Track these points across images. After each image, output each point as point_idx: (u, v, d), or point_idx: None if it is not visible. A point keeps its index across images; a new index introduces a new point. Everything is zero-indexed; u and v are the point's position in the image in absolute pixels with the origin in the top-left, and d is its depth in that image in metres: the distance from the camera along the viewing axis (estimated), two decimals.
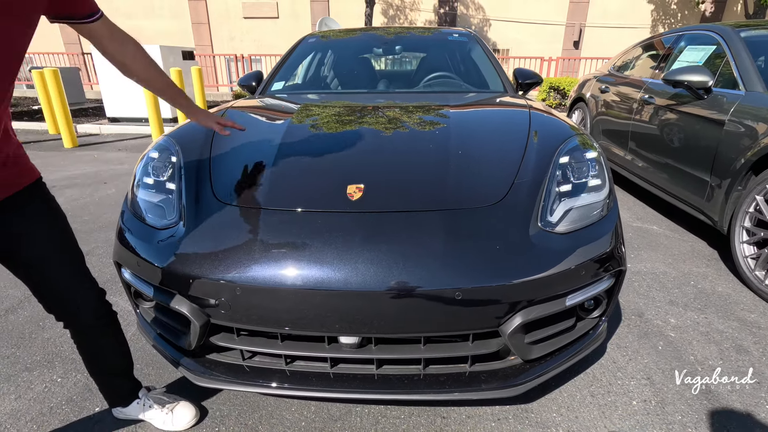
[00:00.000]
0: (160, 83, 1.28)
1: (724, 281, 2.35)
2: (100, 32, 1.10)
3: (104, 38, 1.12)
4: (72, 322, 1.18)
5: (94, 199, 3.73)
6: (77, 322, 1.18)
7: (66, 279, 1.11)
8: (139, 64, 1.20)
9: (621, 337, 1.86)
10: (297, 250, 1.20)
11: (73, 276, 1.13)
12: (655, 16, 12.45)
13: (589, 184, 1.45)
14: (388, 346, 1.29)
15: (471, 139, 1.63)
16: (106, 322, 1.23)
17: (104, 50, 1.15)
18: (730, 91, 2.59)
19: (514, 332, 1.22)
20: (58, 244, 1.09)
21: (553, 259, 1.23)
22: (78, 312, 1.16)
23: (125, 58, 1.17)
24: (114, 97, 7.28)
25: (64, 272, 1.11)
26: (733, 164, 2.37)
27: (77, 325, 1.19)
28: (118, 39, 1.15)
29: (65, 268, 1.11)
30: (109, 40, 1.13)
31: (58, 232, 1.10)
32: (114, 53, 1.16)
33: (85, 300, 1.16)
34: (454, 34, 3.09)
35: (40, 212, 1.06)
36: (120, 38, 1.15)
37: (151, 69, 1.23)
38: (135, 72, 1.21)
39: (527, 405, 1.48)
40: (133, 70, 1.21)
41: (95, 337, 1.23)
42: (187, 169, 1.48)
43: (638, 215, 3.35)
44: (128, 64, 1.19)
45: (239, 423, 1.42)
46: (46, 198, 1.09)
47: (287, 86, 2.74)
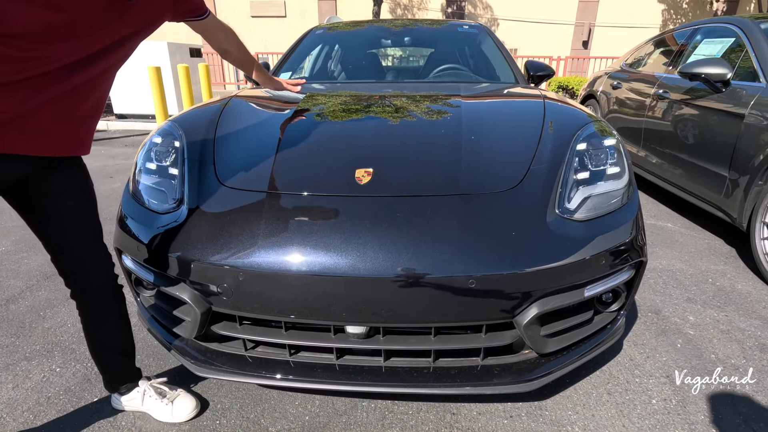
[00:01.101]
0: (248, 63, 1.66)
1: (744, 279, 2.26)
2: (211, 25, 1.38)
3: (215, 30, 1.42)
4: (81, 287, 1.20)
5: (100, 192, 3.71)
6: (86, 288, 1.20)
7: (85, 243, 1.16)
8: (236, 48, 1.54)
9: (638, 335, 1.78)
10: (302, 234, 1.15)
11: (91, 242, 1.17)
12: (665, 15, 12.31)
13: (607, 172, 1.39)
14: (397, 337, 1.23)
15: (484, 125, 1.57)
16: (112, 293, 1.25)
17: (213, 39, 1.45)
18: (749, 83, 2.51)
19: (530, 323, 1.16)
20: (85, 210, 1.15)
21: (571, 247, 1.17)
22: (88, 276, 1.18)
23: (228, 45, 1.51)
24: (122, 94, 7.30)
25: (85, 236, 1.16)
26: (753, 159, 2.29)
27: (86, 291, 1.20)
28: (224, 29, 1.46)
29: (86, 233, 1.16)
30: (219, 31, 1.44)
31: (87, 201, 1.16)
32: (221, 42, 1.48)
33: (97, 266, 1.19)
34: (464, 26, 3.03)
35: (78, 177, 1.14)
36: (224, 29, 1.46)
37: (242, 51, 1.59)
38: (233, 54, 1.56)
39: (541, 402, 1.42)
40: (233, 54, 1.56)
41: (101, 306, 1.23)
42: (190, 153, 1.44)
43: (652, 212, 3.27)
44: (229, 49, 1.53)
45: (241, 416, 1.37)
46: (84, 171, 1.17)
47: (294, 77, 2.69)
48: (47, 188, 1.07)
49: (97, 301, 1.22)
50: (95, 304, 1.23)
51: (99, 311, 1.24)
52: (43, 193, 1.07)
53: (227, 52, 1.54)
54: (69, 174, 1.11)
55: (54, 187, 1.08)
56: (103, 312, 1.24)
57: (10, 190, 1.06)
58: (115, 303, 1.27)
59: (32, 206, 1.09)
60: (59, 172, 1.08)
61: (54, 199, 1.09)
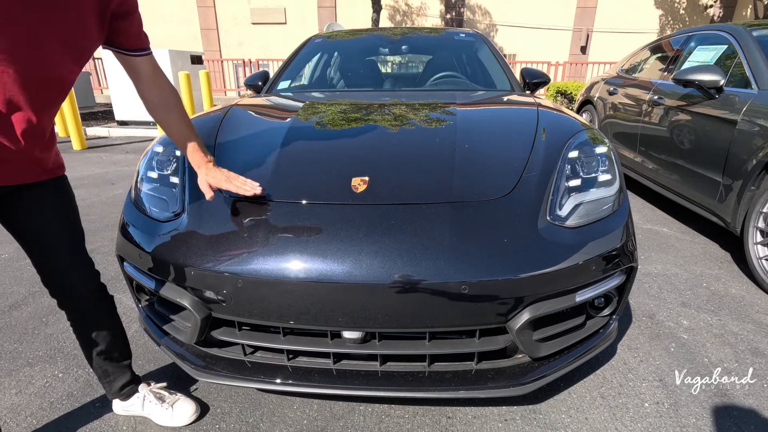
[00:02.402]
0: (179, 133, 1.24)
1: (738, 283, 2.29)
2: (143, 68, 1.14)
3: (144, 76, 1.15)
4: (67, 298, 1.21)
5: (101, 199, 3.75)
6: (69, 299, 1.21)
7: (63, 258, 1.16)
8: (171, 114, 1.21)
9: (632, 339, 1.81)
10: (299, 242, 1.18)
11: (70, 256, 1.17)
12: (663, 21, 12.40)
13: (599, 179, 1.42)
14: (393, 342, 1.26)
15: (478, 134, 1.61)
16: (98, 303, 1.26)
17: (139, 88, 1.17)
18: (742, 90, 2.54)
19: (522, 328, 1.18)
20: (61, 226, 1.15)
21: (562, 254, 1.20)
22: (69, 289, 1.19)
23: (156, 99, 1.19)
24: (123, 101, 7.36)
25: (63, 251, 1.16)
26: (746, 164, 2.32)
27: (72, 302, 1.22)
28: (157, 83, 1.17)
29: (64, 248, 1.16)
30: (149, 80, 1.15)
31: (65, 216, 1.16)
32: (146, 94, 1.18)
33: (78, 279, 1.20)
34: (460, 34, 3.08)
35: (52, 194, 1.13)
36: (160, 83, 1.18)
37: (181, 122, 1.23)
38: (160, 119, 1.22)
39: (535, 405, 1.44)
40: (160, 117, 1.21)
41: (88, 316, 1.25)
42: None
43: (648, 217, 3.29)
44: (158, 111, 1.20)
45: (240, 420, 1.39)
46: (61, 186, 1.16)
47: (293, 86, 2.74)
48: (22, 208, 1.08)
49: (82, 311, 1.24)
50: (81, 315, 1.24)
51: (87, 321, 1.25)
52: (18, 213, 1.09)
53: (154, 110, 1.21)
54: (40, 192, 1.09)
55: (28, 206, 1.08)
56: (91, 321, 1.26)
57: None
58: (102, 312, 1.28)
59: (11, 224, 1.11)
60: (31, 191, 1.08)
61: (30, 218, 1.10)
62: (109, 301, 1.30)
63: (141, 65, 1.13)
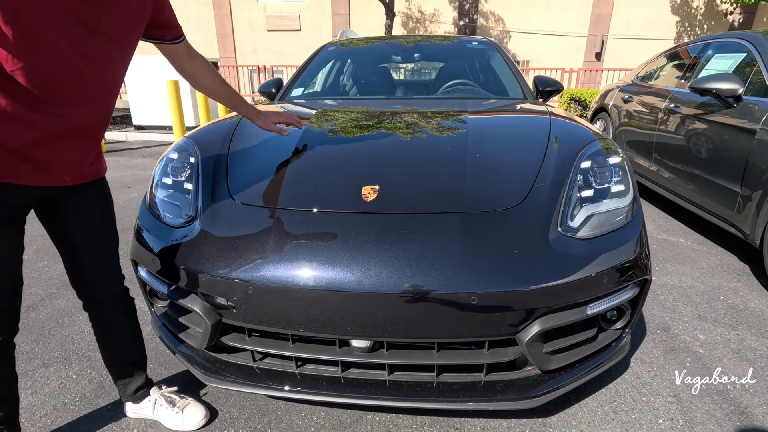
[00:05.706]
0: (224, 93, 1.45)
1: (757, 297, 2.23)
2: (180, 52, 1.29)
3: (183, 57, 1.31)
4: (94, 300, 1.26)
5: (118, 202, 3.82)
6: (97, 301, 1.26)
7: (99, 261, 1.22)
8: (208, 78, 1.39)
9: (645, 352, 1.77)
10: (309, 250, 1.19)
11: (105, 260, 1.23)
12: (680, 27, 12.22)
13: (612, 190, 1.40)
14: (401, 351, 1.25)
15: (489, 143, 1.60)
16: (122, 305, 1.31)
17: (181, 67, 1.33)
18: (761, 99, 2.49)
19: (532, 340, 1.17)
20: (101, 229, 1.21)
21: (573, 265, 1.18)
22: (100, 291, 1.24)
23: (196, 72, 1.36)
24: (140, 106, 7.52)
25: (100, 255, 1.22)
26: (766, 174, 2.27)
27: (97, 304, 1.27)
28: (194, 57, 1.34)
29: (101, 251, 1.22)
30: (187, 59, 1.32)
31: (105, 220, 1.22)
32: (189, 70, 1.34)
33: (109, 282, 1.26)
34: (473, 42, 3.08)
35: (96, 198, 1.19)
36: (194, 56, 1.35)
37: (217, 82, 1.41)
38: (205, 85, 1.39)
39: (546, 419, 1.42)
40: (204, 84, 1.39)
41: (111, 318, 1.30)
42: (204, 169, 1.50)
43: (663, 227, 3.23)
44: (199, 78, 1.37)
45: (248, 426, 1.40)
46: (103, 190, 1.22)
47: (306, 93, 2.76)
48: (66, 210, 1.14)
49: (107, 313, 1.29)
50: (106, 316, 1.29)
51: (110, 323, 1.30)
52: (62, 215, 1.14)
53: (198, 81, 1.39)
54: (87, 196, 1.16)
55: (72, 209, 1.14)
56: (114, 323, 1.30)
57: (36, 209, 1.13)
58: (125, 315, 1.33)
59: (53, 224, 1.16)
60: (78, 194, 1.14)
61: (73, 220, 1.15)
62: (131, 304, 1.35)
63: (179, 49, 1.29)
